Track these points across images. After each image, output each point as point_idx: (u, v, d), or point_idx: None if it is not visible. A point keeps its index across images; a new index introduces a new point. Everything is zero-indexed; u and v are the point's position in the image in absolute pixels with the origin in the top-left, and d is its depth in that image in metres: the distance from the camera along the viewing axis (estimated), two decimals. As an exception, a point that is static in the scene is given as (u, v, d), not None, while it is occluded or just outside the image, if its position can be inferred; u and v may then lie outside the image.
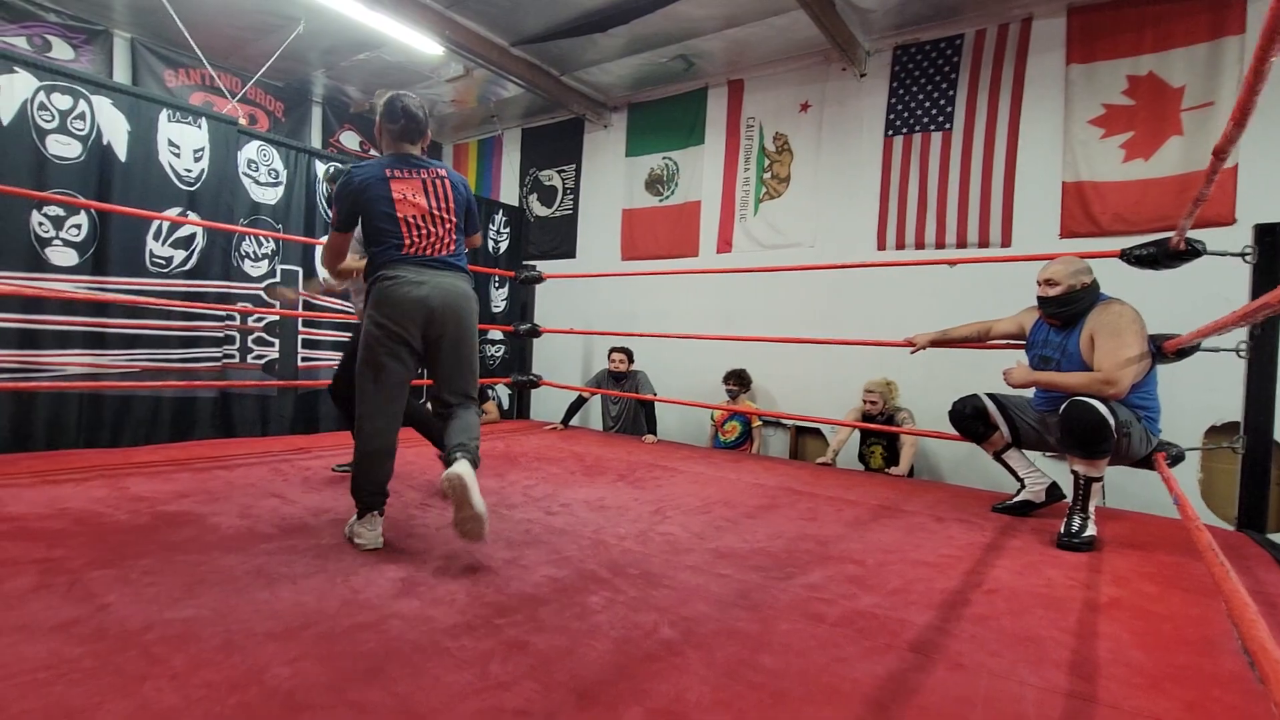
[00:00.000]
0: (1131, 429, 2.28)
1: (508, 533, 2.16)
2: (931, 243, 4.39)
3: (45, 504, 2.23)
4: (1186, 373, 2.86)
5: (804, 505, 2.72)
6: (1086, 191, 3.90)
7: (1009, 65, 4.17)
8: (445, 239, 2.04)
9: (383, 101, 2.05)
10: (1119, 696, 1.24)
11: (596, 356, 5.98)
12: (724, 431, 4.86)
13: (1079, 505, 2.27)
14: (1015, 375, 2.51)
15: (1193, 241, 2.44)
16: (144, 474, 2.77)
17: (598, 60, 5.22)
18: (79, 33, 4.79)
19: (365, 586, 1.63)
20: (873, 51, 4.65)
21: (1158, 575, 1.96)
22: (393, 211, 1.96)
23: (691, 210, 5.51)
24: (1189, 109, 3.63)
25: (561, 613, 1.52)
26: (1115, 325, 2.29)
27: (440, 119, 6.72)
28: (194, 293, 3.94)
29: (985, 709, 1.17)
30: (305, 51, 5.16)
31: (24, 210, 3.31)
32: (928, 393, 4.29)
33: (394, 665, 1.25)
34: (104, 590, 1.53)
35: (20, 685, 1.12)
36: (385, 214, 1.95)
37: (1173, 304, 3.02)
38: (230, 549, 1.86)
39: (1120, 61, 3.82)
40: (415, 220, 1.99)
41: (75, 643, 1.27)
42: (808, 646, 1.39)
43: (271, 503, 2.40)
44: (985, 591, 1.77)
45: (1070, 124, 3.96)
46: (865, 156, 4.67)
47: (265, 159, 4.33)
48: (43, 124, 3.37)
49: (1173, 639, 1.51)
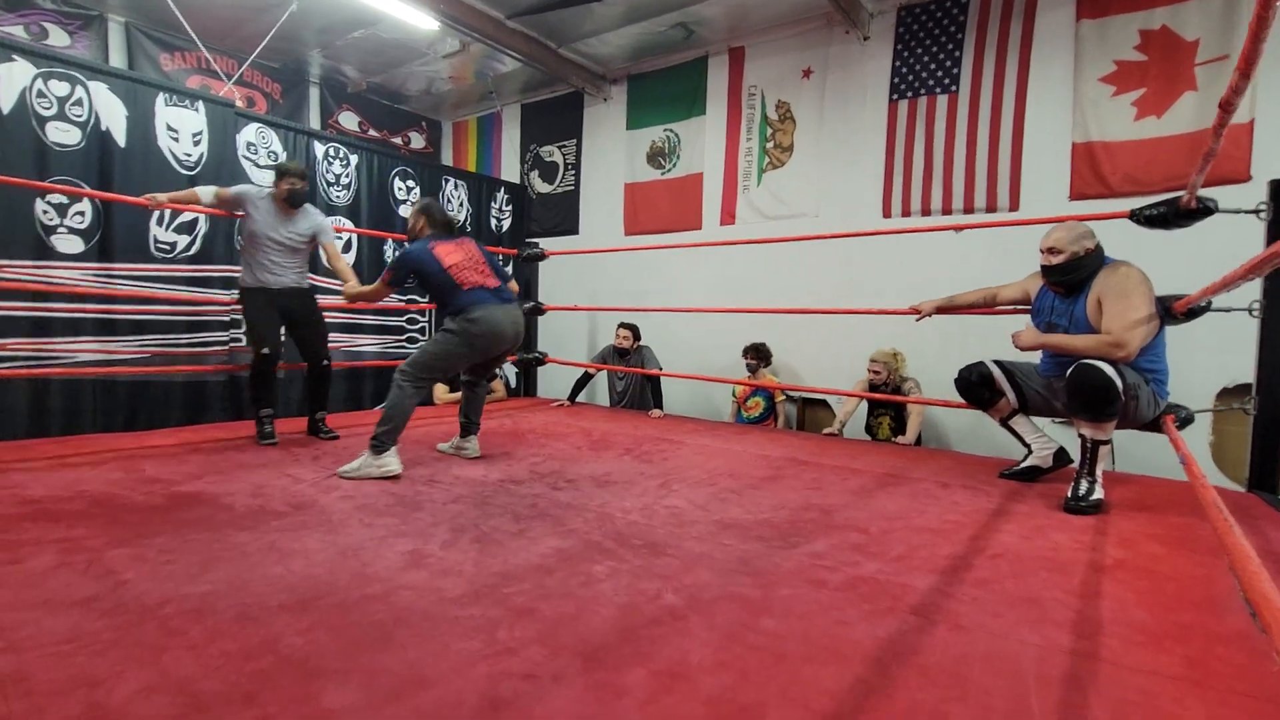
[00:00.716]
0: (1140, 392, 2.26)
1: (515, 507, 2.19)
2: (938, 208, 4.33)
3: (63, 486, 2.28)
4: (1199, 334, 2.82)
5: (809, 475, 2.73)
6: (1097, 152, 3.82)
7: (1016, 23, 4.05)
8: (488, 276, 2.82)
9: (421, 206, 2.96)
10: (1119, 653, 1.25)
11: (601, 333, 5.99)
12: (747, 408, 4.84)
13: (1086, 469, 2.27)
14: (1024, 338, 2.48)
15: (1204, 199, 2.39)
16: (157, 456, 2.82)
17: (595, 31, 5.12)
18: (74, 19, 4.75)
19: (375, 560, 1.66)
20: (876, 14, 4.53)
21: (1165, 537, 1.96)
22: (442, 267, 2.72)
23: (694, 182, 5.45)
24: (1203, 63, 3.52)
25: (567, 581, 1.55)
26: (1122, 287, 2.26)
27: (438, 96, 6.65)
28: (199, 277, 3.96)
29: (984, 666, 1.19)
30: (300, 31, 5.10)
31: (28, 199, 3.33)
32: (935, 360, 4.27)
33: (404, 633, 1.28)
34: (122, 567, 1.57)
35: (45, 657, 1.15)
36: (438, 270, 2.71)
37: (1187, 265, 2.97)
38: (243, 526, 1.90)
39: (1132, 15, 3.71)
40: (459, 265, 2.75)
41: (95, 617, 1.31)
42: (809, 610, 1.41)
43: (283, 481, 2.44)
44: (989, 556, 1.78)
45: (1080, 82, 3.86)
46: (869, 122, 4.59)
47: (264, 141, 4.31)
48: (42, 111, 3.36)
49: (1176, 598, 1.51)
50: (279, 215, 3.16)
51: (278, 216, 3.16)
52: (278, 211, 3.16)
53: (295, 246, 3.22)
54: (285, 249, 3.19)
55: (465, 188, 5.81)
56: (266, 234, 3.13)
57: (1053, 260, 2.38)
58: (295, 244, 3.22)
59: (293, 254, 3.22)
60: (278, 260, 3.18)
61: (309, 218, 3.26)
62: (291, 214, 3.19)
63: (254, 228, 3.12)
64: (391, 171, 5.15)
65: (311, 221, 3.27)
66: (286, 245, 3.18)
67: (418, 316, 5.34)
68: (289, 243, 3.19)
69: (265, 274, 3.16)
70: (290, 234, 3.19)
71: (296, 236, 3.21)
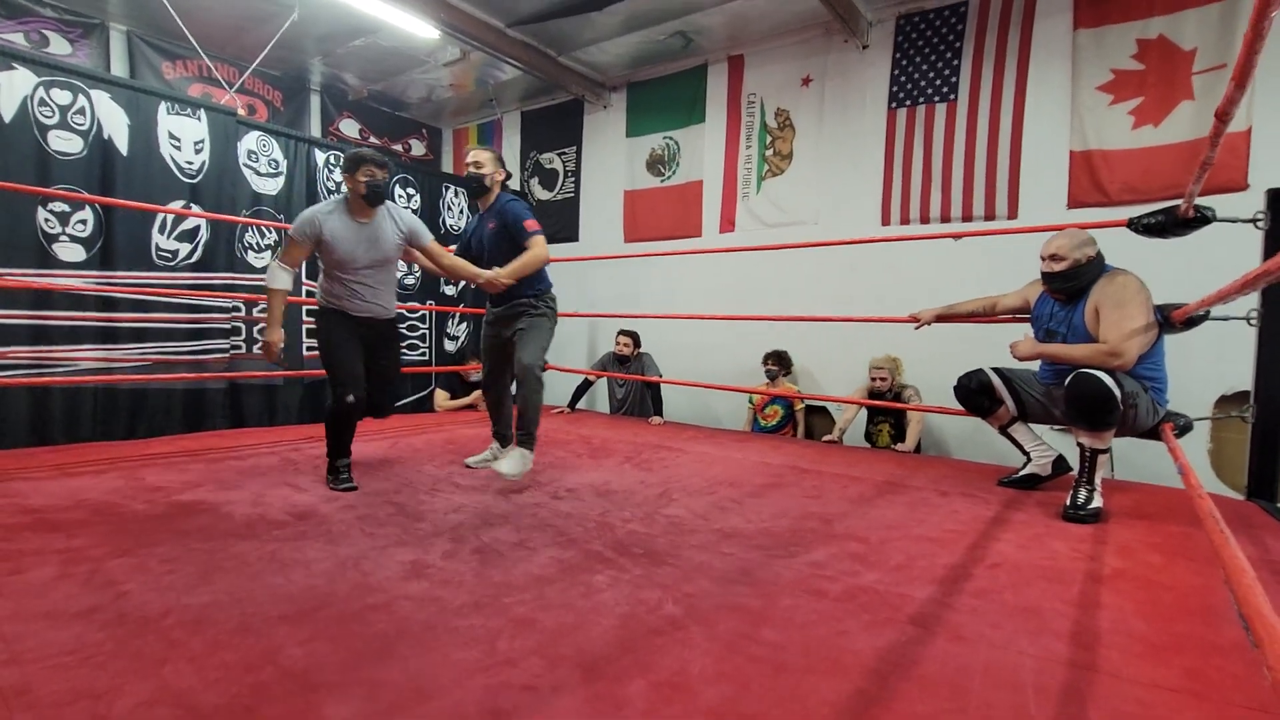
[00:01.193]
0: (1138, 400, 2.27)
1: (515, 517, 2.19)
2: (937, 216, 4.34)
3: (64, 495, 2.29)
4: (1197, 342, 2.83)
5: (809, 483, 2.73)
6: (1095, 160, 3.83)
7: (1014, 32, 4.07)
8: None
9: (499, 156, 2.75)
10: (1118, 665, 1.25)
11: (601, 340, 5.99)
12: (764, 416, 4.82)
13: (1085, 478, 2.27)
14: (1022, 348, 2.50)
15: (1201, 208, 2.40)
16: (158, 465, 2.82)
17: (595, 39, 5.15)
18: (75, 27, 4.78)
19: (375, 570, 1.67)
20: (875, 22, 4.56)
21: (1163, 546, 1.97)
22: None
23: (694, 190, 5.47)
24: (1200, 72, 3.54)
25: (567, 591, 1.55)
26: (1120, 296, 2.27)
27: (439, 104, 6.67)
28: (200, 284, 3.97)
29: (984, 678, 1.19)
30: (301, 39, 5.13)
31: (30, 207, 3.34)
32: (934, 368, 4.26)
33: (404, 644, 1.28)
34: (123, 578, 1.57)
35: (47, 669, 1.16)
36: None
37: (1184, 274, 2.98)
38: (243, 536, 1.90)
39: (1130, 25, 3.73)
40: None
41: (97, 628, 1.31)
42: (809, 621, 1.41)
43: (283, 491, 2.44)
44: (988, 566, 1.78)
45: (1078, 91, 3.88)
46: (869, 130, 4.61)
47: (265, 149, 4.32)
48: (44, 120, 3.38)
49: (1175, 608, 1.52)
50: (359, 225, 2.49)
51: (359, 228, 2.49)
52: (355, 220, 2.49)
53: (389, 259, 2.58)
54: (376, 266, 2.55)
55: (465, 195, 5.82)
56: (354, 257, 2.49)
57: (1055, 267, 2.39)
58: (389, 256, 2.58)
59: (384, 271, 2.60)
60: (373, 284, 2.57)
61: (394, 218, 2.59)
62: (372, 217, 2.52)
63: (338, 255, 2.47)
64: (393, 178, 5.16)
65: (400, 222, 2.60)
66: (378, 262, 2.55)
67: (418, 324, 5.35)
68: (382, 258, 2.55)
69: (358, 301, 2.55)
70: (381, 247, 2.54)
71: (387, 246, 2.56)
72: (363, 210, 2.49)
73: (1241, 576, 0.89)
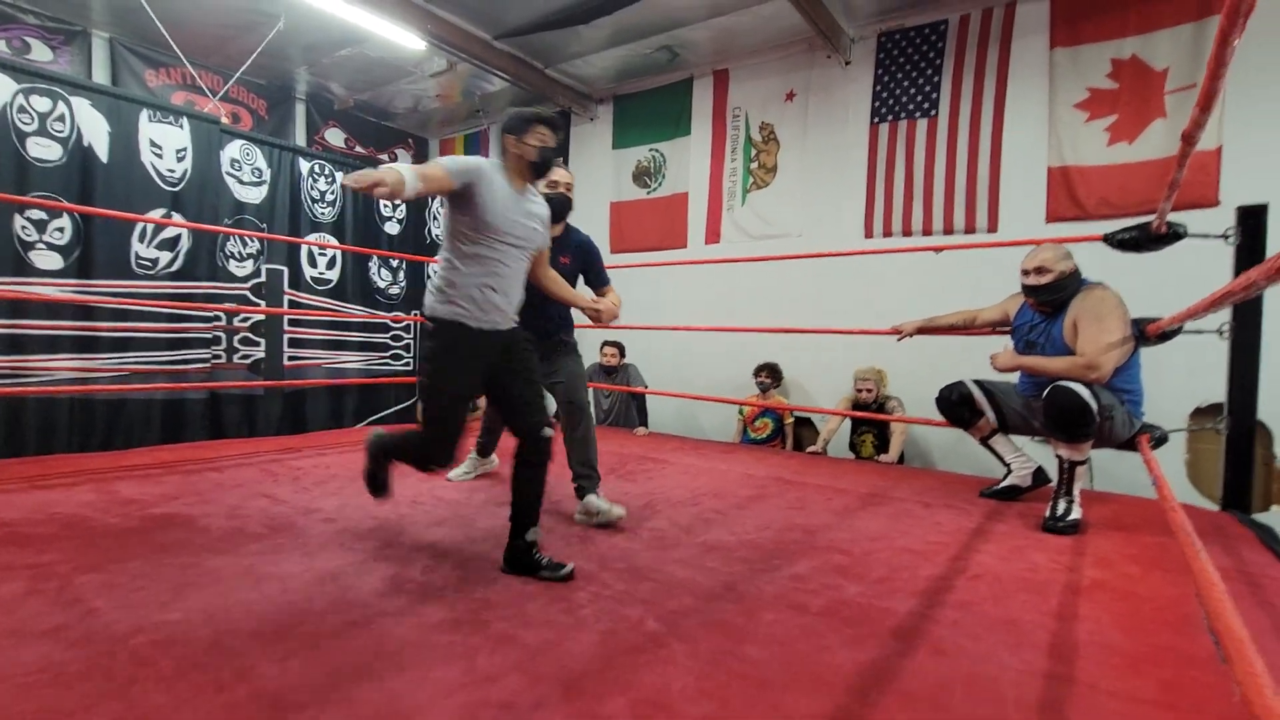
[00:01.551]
0: (1115, 412, 2.30)
1: (497, 531, 2.17)
2: (919, 229, 4.40)
3: (35, 509, 2.23)
4: (1171, 355, 2.88)
5: (793, 495, 2.74)
6: (1072, 175, 3.91)
7: (993, 50, 4.16)
8: None
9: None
10: (1096, 677, 1.26)
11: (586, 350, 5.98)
12: (754, 428, 4.83)
13: (1064, 489, 2.30)
14: (1001, 359, 2.53)
15: (1174, 224, 2.46)
16: (134, 477, 2.77)
17: (582, 52, 5.18)
18: (57, 34, 4.73)
19: (355, 585, 1.64)
20: (857, 39, 4.64)
21: (1141, 557, 1.99)
22: None
23: (679, 202, 5.50)
24: (1172, 91, 3.64)
25: (548, 608, 1.54)
26: (1097, 310, 2.31)
27: (425, 114, 6.67)
28: (181, 294, 3.92)
29: (964, 691, 1.20)
30: (287, 48, 5.11)
31: (6, 214, 3.29)
32: (917, 380, 4.31)
33: (382, 662, 1.26)
34: (92, 595, 1.53)
35: (13, 689, 1.13)
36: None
37: (1157, 287, 3.04)
38: (219, 550, 1.87)
39: (1104, 44, 3.83)
40: None
41: (65, 647, 1.28)
42: (791, 636, 1.41)
43: (260, 503, 2.40)
44: (969, 577, 1.79)
45: (1055, 108, 3.97)
46: (851, 144, 4.67)
47: (248, 158, 4.29)
48: (22, 126, 3.34)
49: (1152, 620, 1.53)
50: (515, 191, 1.88)
51: (515, 193, 1.87)
52: (514, 189, 1.88)
53: (535, 243, 1.94)
54: (521, 247, 1.89)
55: (452, 205, 5.82)
56: (506, 220, 1.83)
57: (1041, 280, 2.43)
58: (535, 238, 1.94)
59: (524, 258, 1.92)
60: (512, 269, 1.88)
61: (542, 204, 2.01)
62: (526, 192, 1.93)
63: (489, 214, 1.80)
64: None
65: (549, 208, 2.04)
66: (524, 241, 1.89)
67: (402, 334, 5.32)
68: (531, 235, 1.91)
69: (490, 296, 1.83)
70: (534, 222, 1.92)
71: (539, 224, 1.95)
72: (525, 178, 1.92)
73: (1212, 590, 0.90)
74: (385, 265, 5.20)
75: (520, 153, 1.89)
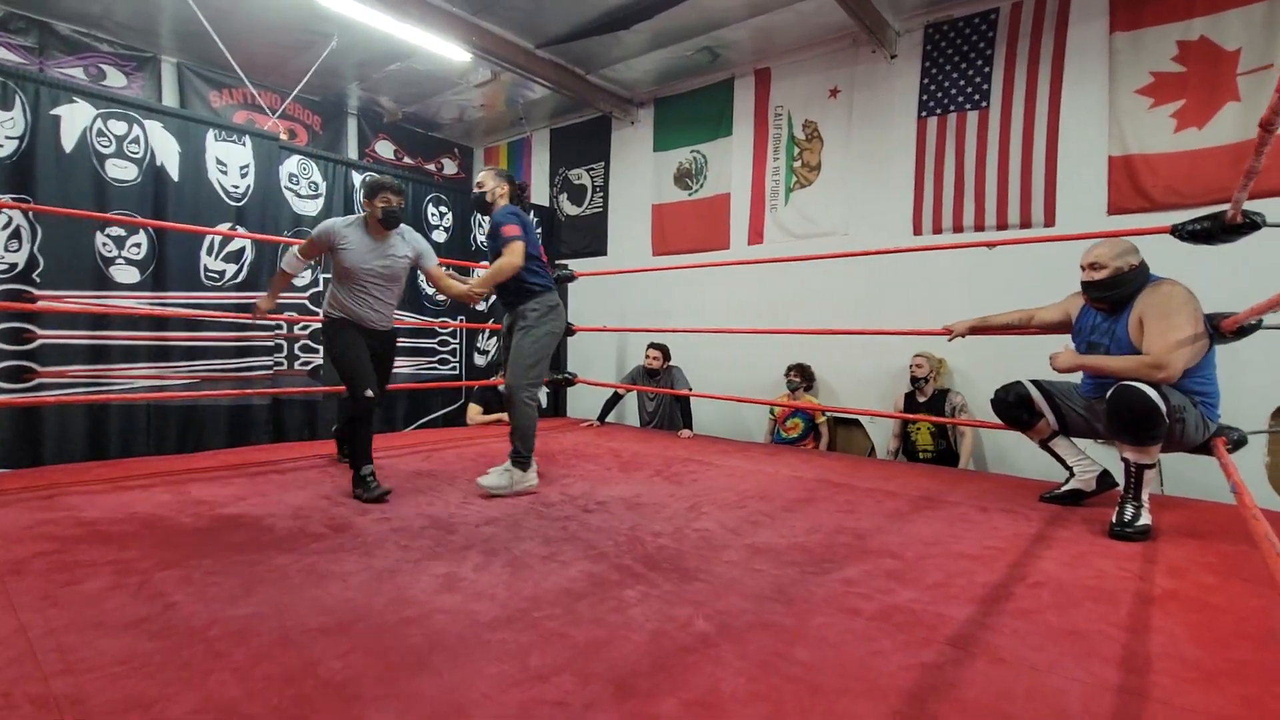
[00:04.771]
0: (1185, 414, 2.18)
1: (545, 530, 2.20)
2: (970, 225, 4.27)
3: (116, 508, 2.38)
4: (1250, 352, 2.71)
5: (842, 498, 2.69)
6: (1136, 164, 3.73)
7: (1048, 37, 4.00)
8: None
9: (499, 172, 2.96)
10: (1171, 692, 1.20)
11: (630, 353, 6.01)
12: (786, 428, 4.79)
13: (1131, 493, 2.19)
14: (1061, 359, 2.42)
15: (1250, 213, 2.31)
16: (204, 479, 2.92)
17: (622, 57, 5.22)
18: (129, 60, 5.04)
19: (410, 583, 1.69)
20: (903, 32, 4.53)
21: (1217, 565, 1.88)
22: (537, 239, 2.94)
23: (721, 203, 5.47)
24: (1246, 73, 3.43)
25: (598, 606, 1.55)
26: (1165, 306, 2.19)
27: (470, 123, 6.83)
28: (246, 304, 4.11)
29: (1026, 703, 1.16)
30: (339, 65, 5.32)
31: (88, 232, 3.52)
32: (972, 380, 4.18)
33: (439, 658, 1.30)
34: (171, 589, 1.63)
35: (100, 679, 1.21)
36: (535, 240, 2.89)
37: (1232, 281, 2.87)
38: (284, 549, 1.95)
39: (1169, 26, 3.63)
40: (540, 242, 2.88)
41: (147, 638, 1.36)
42: (843, 640, 1.39)
43: (321, 504, 2.50)
44: (1030, 585, 1.73)
45: (1116, 95, 3.79)
46: (898, 140, 4.56)
47: (305, 172, 4.48)
48: (101, 149, 3.56)
49: (1231, 632, 1.45)
50: (374, 241, 2.76)
51: (373, 243, 2.76)
52: (371, 238, 2.76)
53: (396, 274, 2.85)
54: (384, 279, 2.80)
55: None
56: (361, 266, 2.73)
57: (1095, 276, 2.33)
58: (395, 270, 2.84)
59: (391, 284, 2.85)
60: (379, 295, 2.81)
61: (406, 240, 2.89)
62: (386, 237, 2.79)
63: (348, 262, 2.71)
64: (425, 198, 5.29)
65: (410, 244, 2.90)
66: (385, 275, 2.80)
67: (449, 339, 5.45)
68: (388, 270, 2.81)
69: (366, 310, 2.79)
70: (389, 260, 2.80)
71: (395, 261, 2.82)
72: (378, 231, 2.77)
73: (1301, 601, 0.85)
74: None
75: (371, 211, 2.73)
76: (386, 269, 2.79)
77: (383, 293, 2.83)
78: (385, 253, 2.78)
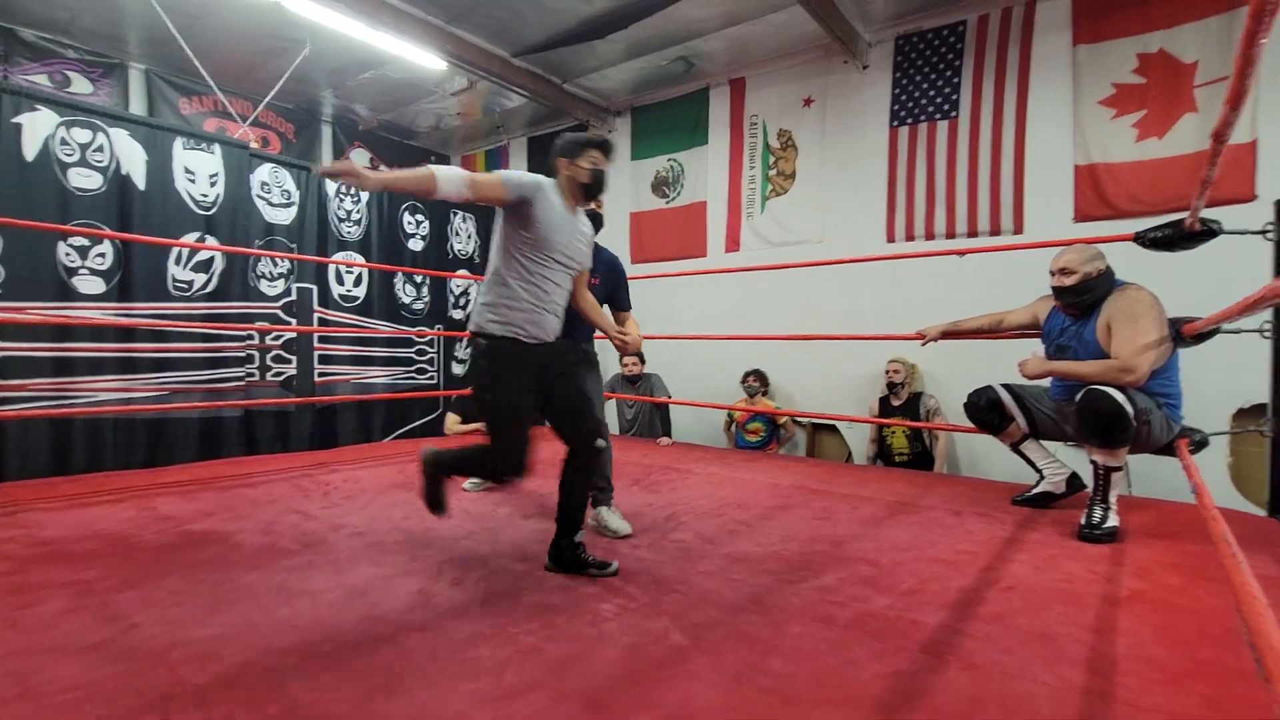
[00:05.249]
0: (1151, 416, 2.23)
1: (522, 543, 2.18)
2: (942, 233, 4.34)
3: (78, 526, 2.31)
4: (1212, 355, 2.78)
5: (819, 504, 2.71)
6: (1100, 173, 3.83)
7: (1014, 49, 4.10)
8: None
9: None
10: (1137, 693, 1.22)
11: (608, 360, 6.00)
12: (748, 432, 4.82)
13: (1099, 495, 2.24)
14: (1030, 366, 2.47)
15: (1208, 221, 2.38)
16: (172, 494, 2.85)
17: (598, 66, 5.24)
18: (96, 67, 4.93)
19: (383, 600, 1.67)
20: (874, 43, 4.61)
21: (1182, 566, 1.93)
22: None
23: (698, 211, 5.50)
24: (1203, 84, 3.54)
25: (574, 620, 1.54)
26: (1131, 311, 2.25)
27: (447, 132, 6.79)
28: (215, 314, 4.03)
29: (997, 708, 1.17)
30: (312, 73, 5.25)
31: (51, 242, 3.43)
32: (944, 385, 4.24)
33: (411, 677, 1.27)
34: (133, 610, 1.58)
35: (53, 706, 1.16)
36: None
37: (1193, 286, 2.94)
38: (252, 566, 1.91)
39: (1129, 40, 3.74)
40: None
41: (105, 662, 1.32)
42: (818, 649, 1.39)
43: (292, 518, 2.45)
44: (1002, 589, 1.75)
45: (1080, 105, 3.89)
46: (871, 149, 4.63)
47: (277, 180, 4.42)
48: (64, 158, 3.48)
49: (1195, 633, 1.48)
50: (568, 214, 1.96)
51: (568, 215, 1.96)
52: (566, 208, 1.96)
53: (581, 262, 2.04)
54: (569, 266, 1.98)
55: (474, 220, 5.91)
56: (557, 239, 1.90)
57: (1065, 281, 2.38)
58: (583, 257, 2.05)
59: (571, 276, 2.01)
60: (561, 285, 1.97)
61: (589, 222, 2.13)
62: (578, 213, 2.03)
63: (543, 230, 1.87)
64: (401, 206, 5.25)
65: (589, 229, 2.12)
66: (573, 260, 1.98)
67: (426, 348, 5.40)
68: (578, 256, 2.01)
69: (544, 310, 1.91)
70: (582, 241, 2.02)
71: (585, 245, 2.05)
72: (576, 199, 1.98)
73: (1252, 602, 0.87)
74: (410, 281, 5.29)
75: (573, 174, 1.94)
76: (578, 253, 2.00)
77: (564, 283, 1.98)
78: (579, 229, 2.01)
